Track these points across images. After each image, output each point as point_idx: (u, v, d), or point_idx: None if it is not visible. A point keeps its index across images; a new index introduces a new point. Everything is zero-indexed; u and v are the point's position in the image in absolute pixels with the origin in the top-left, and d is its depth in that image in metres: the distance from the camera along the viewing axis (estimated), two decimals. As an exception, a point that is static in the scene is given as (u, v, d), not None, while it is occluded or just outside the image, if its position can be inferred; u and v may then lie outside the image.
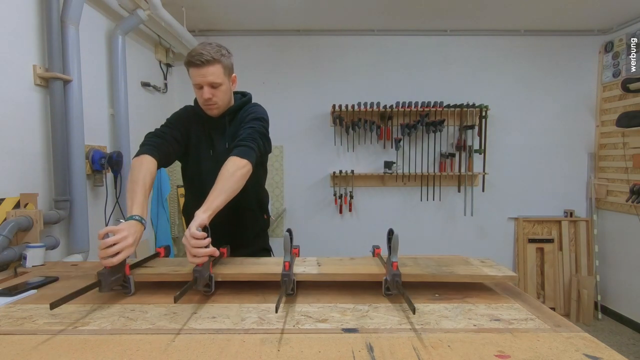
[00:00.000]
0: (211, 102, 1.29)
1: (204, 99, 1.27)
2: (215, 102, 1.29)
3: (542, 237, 3.38)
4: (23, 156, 1.61)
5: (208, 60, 1.22)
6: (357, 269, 1.06)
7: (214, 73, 1.24)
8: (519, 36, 3.32)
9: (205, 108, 1.32)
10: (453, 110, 3.24)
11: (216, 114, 1.34)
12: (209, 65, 1.22)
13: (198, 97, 1.31)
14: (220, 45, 1.28)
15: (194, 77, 1.25)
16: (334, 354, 0.69)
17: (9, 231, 1.36)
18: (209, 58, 1.22)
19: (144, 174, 1.16)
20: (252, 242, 1.48)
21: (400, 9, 2.88)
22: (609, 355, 0.68)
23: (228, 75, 1.30)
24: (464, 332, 0.78)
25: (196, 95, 1.32)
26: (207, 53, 1.21)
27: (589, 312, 3.19)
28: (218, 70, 1.25)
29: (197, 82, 1.25)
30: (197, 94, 1.30)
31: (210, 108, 1.31)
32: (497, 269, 1.07)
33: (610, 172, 3.24)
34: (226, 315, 0.87)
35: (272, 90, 3.35)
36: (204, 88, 1.25)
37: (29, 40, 1.67)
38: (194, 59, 1.21)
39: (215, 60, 1.23)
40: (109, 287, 0.93)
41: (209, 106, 1.31)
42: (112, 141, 2.30)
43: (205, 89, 1.25)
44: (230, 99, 1.36)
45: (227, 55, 1.29)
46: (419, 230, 3.44)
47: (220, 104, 1.31)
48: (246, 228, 1.45)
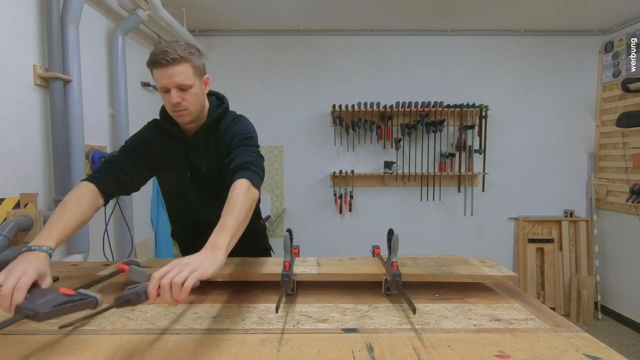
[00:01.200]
0: (180, 108, 1.11)
1: (172, 103, 1.09)
2: (185, 108, 1.11)
3: (542, 237, 3.38)
4: (23, 156, 1.61)
5: (174, 58, 1.05)
6: (357, 269, 1.06)
7: (182, 73, 1.07)
8: (519, 36, 3.32)
9: (174, 115, 1.14)
10: (453, 110, 3.24)
11: (187, 121, 1.15)
12: (175, 65, 1.06)
13: (165, 102, 1.13)
14: (190, 43, 1.13)
15: (160, 79, 1.07)
16: (334, 354, 0.69)
17: (9, 231, 1.36)
18: (176, 56, 1.05)
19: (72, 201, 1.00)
20: (250, 244, 1.36)
21: (400, 9, 2.88)
22: (609, 355, 0.68)
23: (199, 77, 1.13)
24: (464, 332, 0.78)
25: (163, 101, 1.13)
26: (174, 51, 1.05)
27: (589, 312, 3.19)
28: (187, 70, 1.08)
29: (164, 85, 1.08)
30: (164, 99, 1.12)
31: (180, 114, 1.13)
32: (497, 269, 1.07)
33: (610, 172, 3.24)
34: (226, 315, 0.87)
35: (272, 90, 3.35)
36: (171, 91, 1.08)
37: (29, 40, 1.67)
38: (158, 57, 1.04)
39: (183, 59, 1.06)
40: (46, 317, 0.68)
41: (179, 112, 1.12)
42: (112, 141, 2.30)
43: (173, 93, 1.08)
44: (203, 104, 1.19)
45: (196, 54, 1.12)
46: (419, 230, 3.44)
47: (192, 109, 1.13)
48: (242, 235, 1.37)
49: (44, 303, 0.65)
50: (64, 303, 0.67)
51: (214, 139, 1.22)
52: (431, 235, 3.45)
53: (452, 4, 2.77)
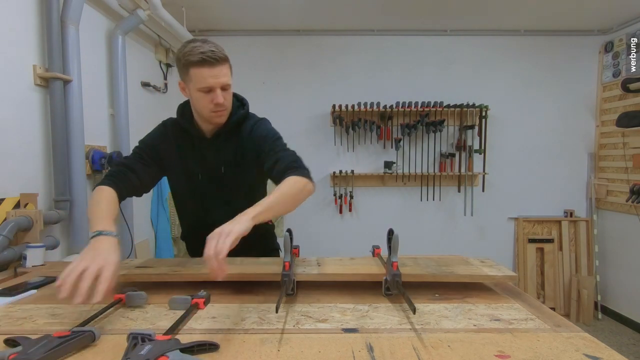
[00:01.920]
0: (222, 108, 1.10)
1: (215, 103, 1.08)
2: (225, 107, 1.12)
3: (542, 237, 3.38)
4: (23, 156, 1.61)
5: (221, 57, 1.04)
6: (357, 269, 1.06)
7: (227, 73, 1.07)
8: (519, 36, 3.32)
9: (212, 115, 1.12)
10: (453, 110, 3.24)
11: (224, 121, 1.16)
12: (222, 64, 1.05)
13: (204, 103, 1.09)
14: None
15: (205, 78, 1.04)
16: (334, 354, 0.69)
17: (9, 231, 1.36)
18: (222, 56, 1.05)
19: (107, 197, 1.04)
20: (258, 242, 1.36)
21: (400, 9, 2.88)
22: (609, 355, 0.68)
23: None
24: (464, 332, 0.78)
25: (199, 101, 1.10)
26: (218, 50, 1.04)
27: (589, 312, 3.19)
28: (228, 70, 1.09)
29: (209, 84, 1.05)
30: (204, 100, 1.08)
31: (220, 114, 1.12)
32: (497, 268, 1.07)
33: (610, 172, 3.24)
34: (226, 315, 0.87)
35: (272, 90, 3.35)
36: (216, 91, 1.06)
37: (29, 40, 1.67)
38: (207, 56, 1.02)
39: (226, 59, 1.07)
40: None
41: (219, 112, 1.11)
42: (112, 141, 2.30)
43: (218, 92, 1.07)
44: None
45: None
46: (419, 230, 3.44)
47: (229, 108, 1.15)
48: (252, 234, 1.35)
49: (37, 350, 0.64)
50: (58, 345, 0.67)
51: (235, 141, 1.21)
52: (431, 235, 3.45)
53: (452, 4, 2.77)
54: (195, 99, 1.11)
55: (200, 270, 1.05)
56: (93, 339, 0.73)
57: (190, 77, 1.07)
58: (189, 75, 1.07)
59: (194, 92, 1.09)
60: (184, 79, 1.12)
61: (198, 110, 1.14)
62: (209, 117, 1.13)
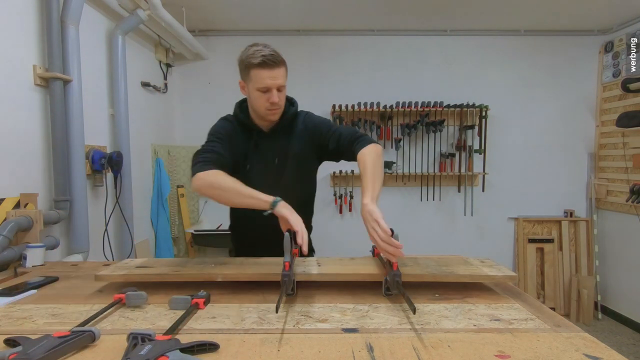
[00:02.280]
0: (277, 107, 1.23)
1: (271, 102, 1.20)
2: (280, 107, 1.25)
3: (542, 237, 3.38)
4: (23, 156, 1.61)
5: (279, 61, 1.18)
6: (357, 269, 1.06)
7: (283, 75, 1.21)
8: (519, 36, 3.32)
9: (267, 113, 1.24)
10: (453, 110, 3.24)
11: (277, 119, 1.28)
12: (280, 67, 1.19)
13: (261, 101, 1.22)
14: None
15: (263, 79, 1.17)
16: (334, 354, 0.69)
17: (9, 231, 1.36)
18: (280, 59, 1.19)
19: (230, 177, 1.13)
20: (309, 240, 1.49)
21: (400, 9, 2.88)
22: (609, 355, 0.68)
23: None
24: (464, 332, 0.78)
25: (257, 99, 1.22)
26: (277, 54, 1.18)
27: (589, 312, 3.20)
28: (285, 72, 1.23)
29: (267, 85, 1.18)
30: (261, 98, 1.21)
31: (274, 113, 1.25)
32: (496, 268, 1.07)
33: (610, 172, 3.24)
34: (226, 315, 0.87)
35: (272, 90, 3.35)
36: (273, 91, 1.19)
37: (29, 40, 1.67)
38: (267, 59, 1.15)
39: (284, 63, 1.21)
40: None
41: (274, 111, 1.24)
42: (112, 141, 2.30)
43: (274, 93, 1.19)
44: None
45: None
46: (419, 230, 3.44)
47: (282, 107, 1.28)
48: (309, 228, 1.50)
49: (37, 350, 0.64)
50: (59, 345, 0.67)
51: (289, 135, 1.33)
52: (431, 235, 3.45)
53: (452, 4, 2.77)
54: (254, 98, 1.23)
55: (201, 270, 1.06)
56: (93, 339, 0.73)
57: (251, 78, 1.20)
58: (249, 76, 1.20)
59: (252, 91, 1.22)
60: (244, 79, 1.25)
61: (255, 108, 1.26)
62: (265, 114, 1.25)
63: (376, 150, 1.20)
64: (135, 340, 0.68)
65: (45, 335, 0.69)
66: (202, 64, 3.35)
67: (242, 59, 1.21)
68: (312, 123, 1.34)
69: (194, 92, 3.37)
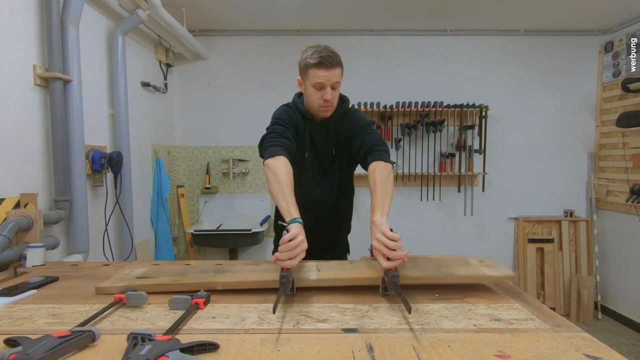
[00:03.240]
0: (330, 104, 1.31)
1: (325, 99, 1.28)
2: (332, 104, 1.33)
3: (542, 237, 3.37)
4: (23, 156, 1.61)
5: (335, 62, 1.26)
6: (356, 274, 1.05)
7: (339, 75, 1.29)
8: (519, 36, 3.32)
9: (320, 109, 1.33)
10: (453, 110, 3.24)
11: (329, 115, 1.36)
12: (337, 67, 1.26)
13: (315, 98, 1.30)
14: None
15: (319, 77, 1.26)
16: (334, 354, 0.69)
17: (9, 231, 1.36)
18: (338, 60, 1.26)
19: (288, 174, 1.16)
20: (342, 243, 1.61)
21: (401, 9, 2.88)
22: (609, 355, 0.68)
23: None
24: (464, 332, 0.78)
25: (311, 96, 1.31)
26: (335, 55, 1.26)
27: (589, 312, 3.19)
28: (340, 72, 1.30)
29: (321, 82, 1.26)
30: (315, 95, 1.30)
31: (327, 109, 1.33)
32: (496, 269, 1.07)
33: (610, 172, 3.24)
34: (226, 315, 0.87)
35: (272, 90, 3.35)
36: (326, 89, 1.27)
37: (29, 40, 1.66)
38: (325, 59, 1.23)
39: (340, 64, 1.29)
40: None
41: (326, 107, 1.32)
42: (112, 141, 2.30)
43: (328, 90, 1.27)
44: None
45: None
46: (419, 230, 3.44)
47: (335, 106, 1.36)
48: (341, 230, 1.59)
49: (37, 350, 0.64)
50: (59, 345, 0.67)
51: (339, 129, 1.41)
52: (431, 235, 3.45)
53: (452, 4, 2.77)
54: (309, 94, 1.33)
55: (201, 279, 1.04)
56: (93, 339, 0.73)
57: (308, 75, 1.29)
58: (307, 74, 1.29)
59: (308, 88, 1.31)
60: (302, 77, 1.34)
61: (310, 104, 1.36)
62: (318, 110, 1.34)
63: (387, 168, 1.23)
64: (135, 340, 0.68)
65: (45, 335, 0.69)
66: (202, 64, 3.35)
67: (302, 59, 1.30)
68: (352, 121, 1.42)
69: (194, 92, 3.36)
